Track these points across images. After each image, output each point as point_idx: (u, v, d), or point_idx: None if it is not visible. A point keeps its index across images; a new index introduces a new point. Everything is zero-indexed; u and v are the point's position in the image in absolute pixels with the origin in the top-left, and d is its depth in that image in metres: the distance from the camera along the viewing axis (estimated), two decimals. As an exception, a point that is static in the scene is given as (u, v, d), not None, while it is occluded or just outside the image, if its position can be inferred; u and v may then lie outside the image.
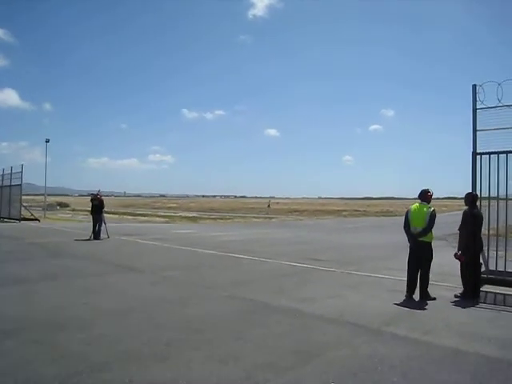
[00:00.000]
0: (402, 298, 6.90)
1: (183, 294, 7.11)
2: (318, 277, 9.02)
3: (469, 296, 6.87)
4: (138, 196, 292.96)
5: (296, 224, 31.94)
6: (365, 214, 47.86)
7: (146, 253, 12.75)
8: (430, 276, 7.84)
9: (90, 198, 18.56)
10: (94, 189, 18.67)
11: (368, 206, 73.12)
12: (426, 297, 6.93)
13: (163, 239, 16.56)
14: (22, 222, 25.00)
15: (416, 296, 6.91)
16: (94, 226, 16.26)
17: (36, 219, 25.90)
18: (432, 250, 7.01)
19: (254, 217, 41.82)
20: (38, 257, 11.05)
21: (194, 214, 50.52)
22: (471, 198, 7.21)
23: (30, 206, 43.98)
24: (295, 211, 63.38)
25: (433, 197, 7.22)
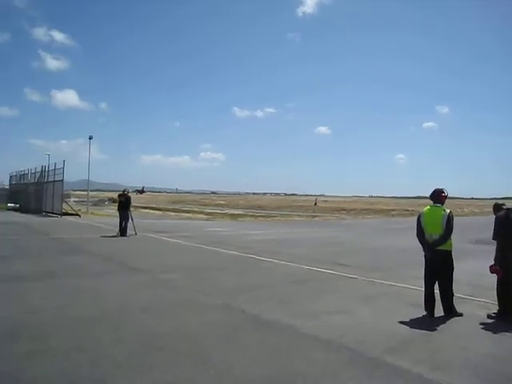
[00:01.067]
0: (422, 314, 5.90)
1: (171, 300, 6.48)
2: (335, 285, 8.10)
3: (505, 318, 5.70)
4: (190, 193, 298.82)
5: (338, 223, 30.61)
6: (413, 213, 45.27)
7: (162, 251, 12.34)
8: (464, 288, 6.80)
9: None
10: (147, 185, 18.77)
11: (419, 205, 69.09)
12: (450, 313, 5.87)
13: (190, 237, 16.16)
14: (64, 216, 25.66)
15: (440, 311, 5.89)
16: (121, 223, 16.18)
17: (77, 214, 26.52)
18: (452, 260, 5.95)
19: (298, 215, 40.83)
20: (50, 253, 10.93)
21: (240, 212, 50.18)
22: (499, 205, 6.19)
23: (83, 201, 45.68)
24: (342, 210, 61.43)
25: (447, 197, 6.20)
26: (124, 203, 16.50)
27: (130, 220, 16.30)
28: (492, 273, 5.90)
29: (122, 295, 6.73)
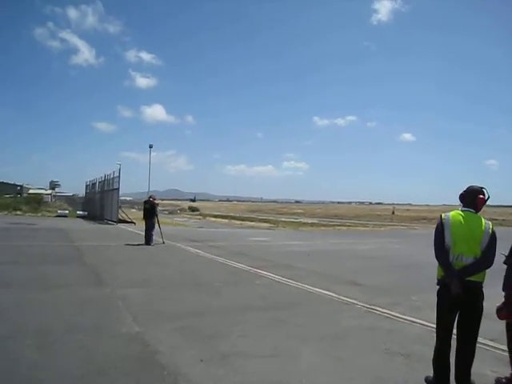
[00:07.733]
0: (403, 373, 3.97)
1: (84, 324, 5.18)
2: (311, 313, 6.28)
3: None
4: (274, 202, 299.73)
5: (402, 233, 27.47)
6: (502, 223, 39.64)
7: (164, 262, 11.20)
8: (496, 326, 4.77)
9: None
10: (233, 195, 18.35)
11: (511, 214, 61.64)
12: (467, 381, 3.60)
13: (218, 247, 14.98)
14: (119, 224, 25.91)
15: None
16: (146, 231, 15.43)
17: (132, 222, 26.62)
18: (484, 298, 3.60)
19: (365, 225, 37.85)
20: (42, 261, 10.32)
21: (314, 221, 48.38)
22: None
23: (163, 210, 46.19)
24: (423, 219, 56.72)
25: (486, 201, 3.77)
26: (149, 210, 15.75)
27: (156, 228, 15.53)
28: (501, 319, 3.79)
29: (37, 314, 5.60)
